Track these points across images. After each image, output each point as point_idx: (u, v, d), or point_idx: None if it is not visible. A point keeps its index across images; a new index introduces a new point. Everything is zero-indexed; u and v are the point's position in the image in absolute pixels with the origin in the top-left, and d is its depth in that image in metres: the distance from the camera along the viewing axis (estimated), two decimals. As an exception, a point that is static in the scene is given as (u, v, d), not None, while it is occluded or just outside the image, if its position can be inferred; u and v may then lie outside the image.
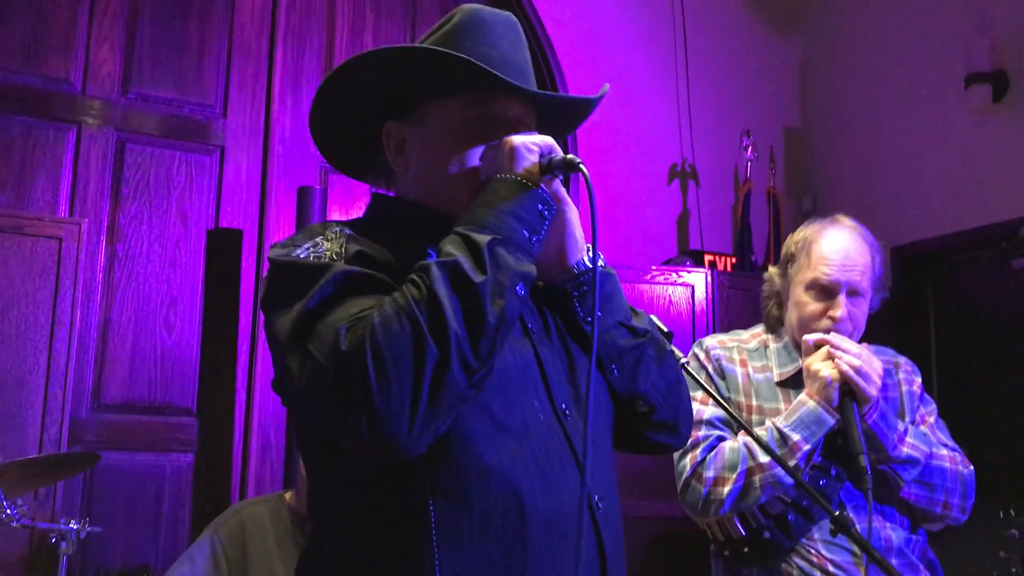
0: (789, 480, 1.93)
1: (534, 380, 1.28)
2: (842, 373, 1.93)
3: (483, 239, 1.15)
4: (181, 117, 3.73)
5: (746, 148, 4.60)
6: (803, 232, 2.13)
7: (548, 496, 1.20)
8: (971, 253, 4.19)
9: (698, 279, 4.11)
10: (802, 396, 1.99)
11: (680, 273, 4.11)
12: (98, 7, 3.63)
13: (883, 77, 4.56)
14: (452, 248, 1.15)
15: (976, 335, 4.17)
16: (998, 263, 4.04)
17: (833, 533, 1.58)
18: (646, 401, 1.40)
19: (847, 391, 1.94)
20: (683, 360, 1.57)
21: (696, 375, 2.05)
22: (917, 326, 4.36)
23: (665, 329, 1.59)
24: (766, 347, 2.18)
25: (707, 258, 4.28)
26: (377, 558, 1.19)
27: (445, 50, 1.29)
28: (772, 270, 2.21)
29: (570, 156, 1.25)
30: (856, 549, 1.95)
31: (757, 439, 1.59)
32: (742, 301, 4.10)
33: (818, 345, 2.00)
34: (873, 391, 1.94)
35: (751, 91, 4.84)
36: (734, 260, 4.37)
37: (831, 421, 1.94)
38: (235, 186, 3.77)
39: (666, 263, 4.29)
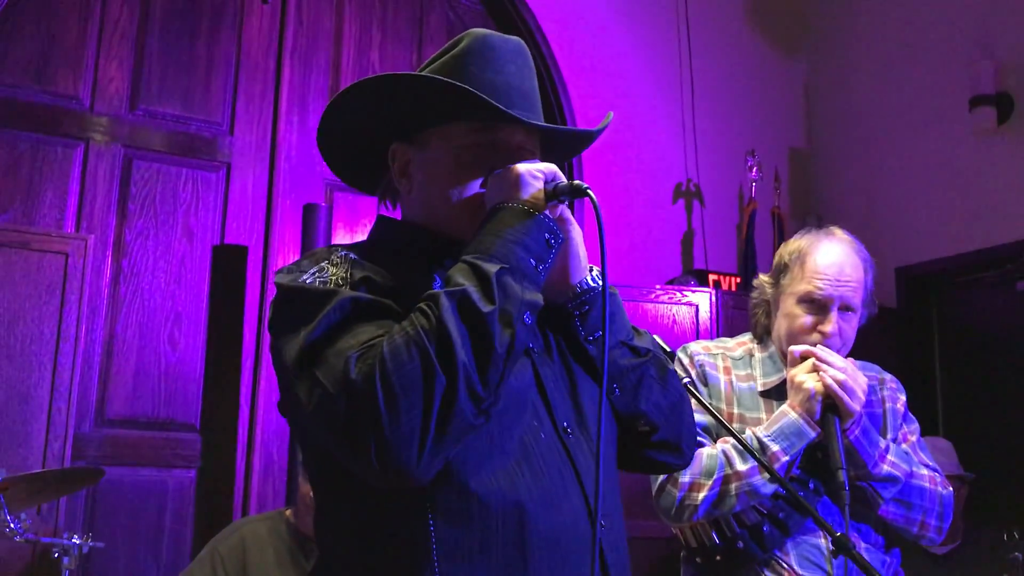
0: (766, 490, 1.92)
1: (533, 400, 1.28)
2: (826, 387, 1.91)
3: (491, 268, 1.15)
4: (188, 134, 3.75)
5: (751, 168, 4.60)
6: (797, 243, 2.10)
7: (550, 514, 1.21)
8: (975, 275, 4.18)
9: (702, 298, 4.11)
10: (784, 407, 1.96)
11: (684, 292, 4.11)
12: (107, 25, 3.67)
13: (888, 99, 4.57)
14: (461, 277, 1.15)
15: (980, 356, 4.16)
16: (1002, 285, 4.04)
17: (834, 554, 1.56)
18: (647, 421, 1.40)
19: (830, 405, 1.92)
20: (686, 380, 1.57)
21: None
22: (921, 347, 4.35)
23: (667, 348, 1.59)
24: (751, 356, 2.15)
25: (711, 277, 4.28)
26: (382, 570, 1.20)
27: (448, 80, 1.29)
28: (763, 278, 2.18)
29: (576, 182, 1.26)
30: (829, 569, 1.94)
31: (747, 448, 1.57)
32: (746, 321, 4.06)
33: (804, 356, 1.98)
34: (856, 406, 1.92)
35: (756, 111, 4.85)
36: (739, 280, 4.37)
37: (812, 434, 1.92)
38: (241, 203, 3.79)
39: (670, 282, 4.29)
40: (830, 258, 2.03)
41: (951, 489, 2.07)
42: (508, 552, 1.17)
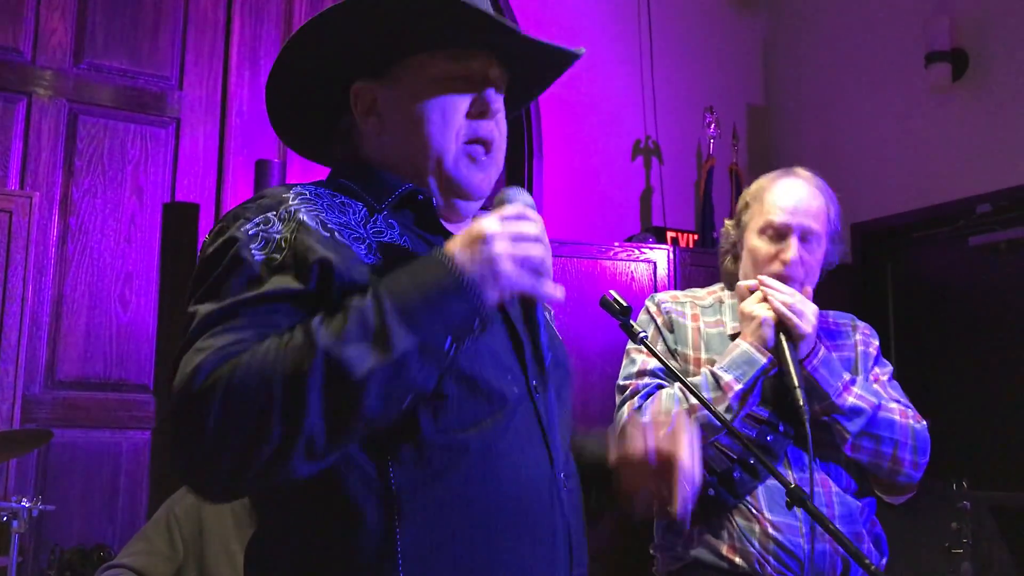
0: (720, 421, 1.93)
1: (508, 354, 1.26)
2: (775, 310, 1.95)
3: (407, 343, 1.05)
4: (136, 88, 3.65)
5: (709, 125, 4.59)
6: (758, 182, 2.14)
7: (516, 471, 1.19)
8: (930, 230, 4.23)
9: (660, 256, 4.11)
10: (736, 340, 2.01)
11: (642, 250, 4.11)
12: (48, -27, 3.54)
13: (845, 55, 4.58)
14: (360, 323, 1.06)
15: (933, 311, 4.22)
16: (956, 240, 4.09)
17: (789, 506, 1.56)
18: None
19: (782, 331, 1.95)
20: (642, 334, 1.56)
21: (644, 328, 2.07)
22: (876, 301, 4.41)
23: (624, 304, 1.58)
24: (721, 303, 2.18)
25: (669, 235, 4.29)
26: (335, 526, 1.14)
27: None
28: (727, 223, 2.22)
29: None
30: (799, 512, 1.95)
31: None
32: (704, 277, 4.08)
33: (751, 290, 2.02)
34: (806, 327, 1.94)
35: (714, 68, 4.84)
36: (696, 237, 4.38)
37: (763, 360, 1.95)
38: (191, 159, 3.71)
39: (629, 240, 4.29)
40: (789, 190, 2.07)
41: (925, 423, 2.02)
42: (473, 509, 1.16)
